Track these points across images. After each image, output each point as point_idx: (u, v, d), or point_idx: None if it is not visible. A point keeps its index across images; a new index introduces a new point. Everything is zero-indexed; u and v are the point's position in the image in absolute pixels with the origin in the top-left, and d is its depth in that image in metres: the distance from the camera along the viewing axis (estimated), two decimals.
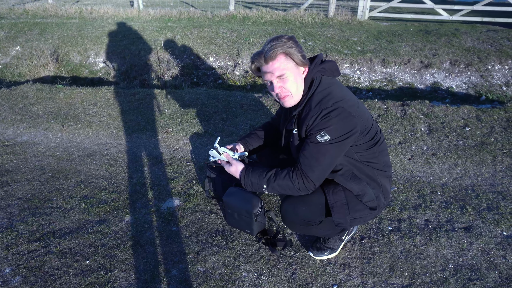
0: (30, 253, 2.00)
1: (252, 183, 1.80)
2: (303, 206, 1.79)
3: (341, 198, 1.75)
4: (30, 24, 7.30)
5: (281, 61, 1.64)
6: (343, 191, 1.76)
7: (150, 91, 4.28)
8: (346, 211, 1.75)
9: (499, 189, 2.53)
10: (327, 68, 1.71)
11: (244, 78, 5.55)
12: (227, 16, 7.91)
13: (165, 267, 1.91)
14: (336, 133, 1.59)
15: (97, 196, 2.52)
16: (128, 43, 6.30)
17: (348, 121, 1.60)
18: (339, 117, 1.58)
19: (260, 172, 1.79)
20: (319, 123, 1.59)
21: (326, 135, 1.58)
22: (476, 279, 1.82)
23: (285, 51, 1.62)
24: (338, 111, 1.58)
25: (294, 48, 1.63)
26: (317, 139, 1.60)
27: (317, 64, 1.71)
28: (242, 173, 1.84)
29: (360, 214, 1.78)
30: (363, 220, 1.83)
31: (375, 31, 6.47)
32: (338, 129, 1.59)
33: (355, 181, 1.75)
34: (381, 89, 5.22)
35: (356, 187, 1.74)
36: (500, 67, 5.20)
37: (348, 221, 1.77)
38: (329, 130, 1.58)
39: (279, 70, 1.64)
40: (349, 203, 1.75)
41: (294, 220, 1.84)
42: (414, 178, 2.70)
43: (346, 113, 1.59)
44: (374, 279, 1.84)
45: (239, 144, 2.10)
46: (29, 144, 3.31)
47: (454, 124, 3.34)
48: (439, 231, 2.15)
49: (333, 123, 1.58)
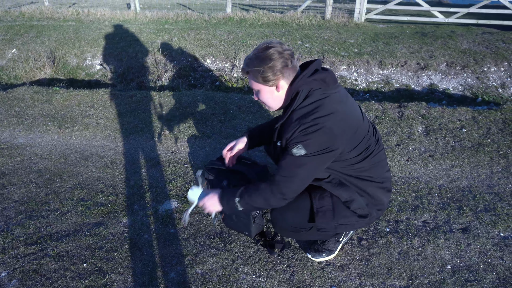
0: (26, 257, 1.98)
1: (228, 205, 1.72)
2: (291, 212, 1.78)
3: (328, 204, 1.72)
4: (27, 26, 7.28)
5: (249, 78, 1.69)
6: (330, 197, 1.73)
7: (147, 93, 4.27)
8: (331, 216, 1.72)
9: (496, 190, 2.55)
10: (319, 79, 1.60)
11: (242, 80, 5.55)
12: (224, 18, 7.92)
13: (163, 269, 1.90)
14: (312, 148, 1.53)
15: (94, 198, 2.51)
16: (125, 45, 6.29)
17: (326, 138, 1.53)
18: (317, 133, 1.51)
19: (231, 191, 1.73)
20: (296, 137, 1.54)
21: (302, 148, 1.53)
22: (474, 280, 1.83)
23: (249, 72, 1.66)
24: (317, 127, 1.51)
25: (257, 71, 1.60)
26: (293, 151, 1.55)
27: (305, 76, 1.60)
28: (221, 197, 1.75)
29: (346, 220, 1.74)
30: (350, 227, 1.79)
31: (372, 33, 6.50)
32: (314, 145, 1.53)
33: (343, 187, 1.71)
34: (378, 91, 5.24)
35: (344, 194, 1.71)
36: (496, 69, 5.23)
37: (332, 227, 1.74)
38: (305, 144, 1.52)
39: (252, 85, 1.70)
40: (335, 209, 1.72)
41: (283, 226, 1.83)
42: (411, 179, 2.70)
43: (326, 130, 1.51)
44: (372, 280, 1.84)
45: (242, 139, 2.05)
46: (25, 147, 3.29)
47: (451, 125, 3.36)
48: (437, 232, 2.15)
49: (310, 138, 1.52)
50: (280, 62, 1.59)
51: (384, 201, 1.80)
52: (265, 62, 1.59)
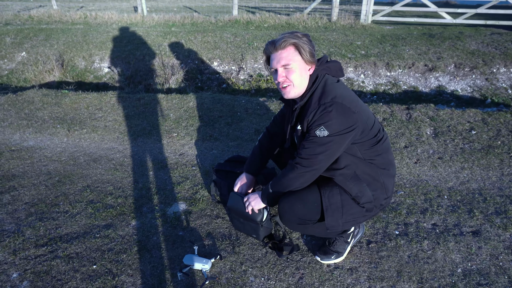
0: (37, 258, 2.00)
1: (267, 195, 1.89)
2: (300, 204, 1.80)
3: (337, 201, 1.75)
4: (36, 30, 7.37)
5: (289, 52, 1.69)
6: (339, 195, 1.75)
7: (155, 96, 4.30)
8: (340, 214, 1.75)
9: (506, 193, 2.52)
10: (332, 67, 1.77)
11: (249, 83, 5.56)
12: (231, 20, 7.95)
13: (172, 271, 1.91)
14: (334, 128, 1.61)
15: (104, 200, 2.52)
16: (132, 48, 6.34)
17: (347, 116, 1.62)
18: (337, 112, 1.61)
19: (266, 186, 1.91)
20: (318, 118, 1.63)
21: (325, 130, 1.61)
22: (485, 284, 1.81)
23: (296, 44, 1.68)
24: (336, 105, 1.61)
25: (305, 44, 1.68)
26: (316, 133, 1.64)
27: (323, 62, 1.77)
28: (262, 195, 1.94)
29: (353, 217, 1.79)
30: (355, 222, 1.83)
31: (379, 35, 6.48)
32: (336, 124, 1.61)
33: (355, 181, 1.74)
34: (386, 93, 5.21)
35: (355, 188, 1.74)
36: (505, 70, 5.18)
37: (341, 225, 1.77)
38: (327, 125, 1.61)
39: (285, 60, 1.69)
40: (344, 207, 1.75)
41: (290, 218, 1.85)
42: (420, 182, 2.68)
43: (345, 108, 1.62)
44: (382, 283, 1.83)
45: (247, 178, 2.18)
46: (35, 149, 3.32)
47: (460, 127, 3.33)
48: (447, 235, 2.13)
49: (331, 118, 1.61)
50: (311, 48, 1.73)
51: (391, 188, 1.87)
52: (306, 41, 1.69)
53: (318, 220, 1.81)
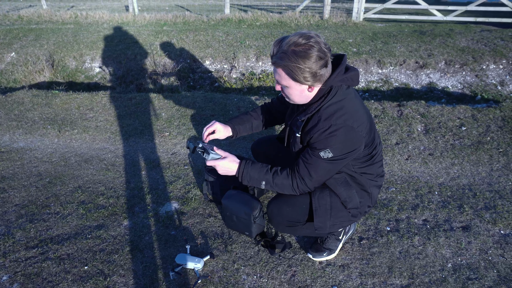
0: (27, 260, 1.98)
1: (251, 177, 1.74)
2: (288, 207, 1.82)
3: (326, 203, 1.75)
4: (25, 30, 7.29)
5: (281, 75, 1.54)
6: (329, 196, 1.76)
7: (147, 95, 4.28)
8: (328, 216, 1.76)
9: (496, 188, 2.55)
10: (350, 78, 1.57)
11: (241, 81, 5.55)
12: (223, 19, 7.93)
13: (164, 271, 1.90)
14: (339, 152, 1.57)
15: (95, 201, 2.51)
16: (124, 48, 6.29)
17: (354, 141, 1.57)
18: (346, 136, 1.53)
19: (259, 167, 1.74)
20: (325, 139, 1.54)
21: (330, 152, 1.56)
22: (475, 278, 1.83)
23: (286, 69, 1.50)
24: (346, 129, 1.52)
25: (300, 69, 1.46)
26: (320, 155, 1.57)
27: (341, 73, 1.55)
28: (240, 165, 1.75)
29: (340, 220, 1.80)
30: (341, 225, 1.85)
31: (370, 33, 6.50)
32: (342, 148, 1.56)
33: (345, 186, 1.75)
34: (377, 90, 5.24)
35: (344, 192, 1.75)
36: (495, 66, 5.24)
37: (328, 226, 1.78)
38: (334, 148, 1.55)
39: (280, 81, 1.58)
40: (332, 209, 1.76)
41: (279, 221, 1.86)
42: (411, 178, 2.71)
43: (354, 132, 1.54)
44: (373, 279, 1.84)
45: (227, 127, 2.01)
46: (25, 150, 3.29)
47: (450, 123, 3.36)
48: (437, 230, 2.15)
49: (338, 142, 1.54)
50: (320, 63, 1.47)
51: (376, 197, 1.89)
52: (304, 61, 1.44)
53: (307, 221, 1.82)
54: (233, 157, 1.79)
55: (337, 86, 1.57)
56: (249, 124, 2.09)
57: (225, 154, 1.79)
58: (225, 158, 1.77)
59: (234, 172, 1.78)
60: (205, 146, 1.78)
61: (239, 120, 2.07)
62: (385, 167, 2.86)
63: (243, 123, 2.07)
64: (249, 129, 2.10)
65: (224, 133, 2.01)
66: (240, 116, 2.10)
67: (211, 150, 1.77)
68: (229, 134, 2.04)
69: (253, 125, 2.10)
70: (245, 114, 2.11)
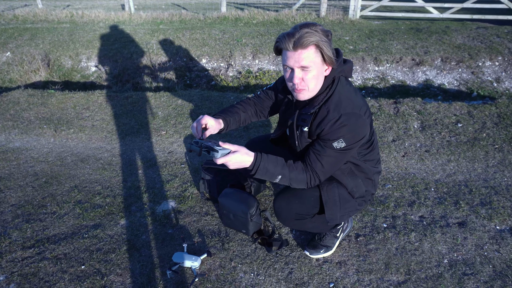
0: (24, 260, 1.98)
1: (267, 171, 1.62)
2: (296, 200, 1.81)
3: (334, 195, 1.77)
4: (20, 29, 7.24)
5: (310, 53, 1.51)
6: (336, 188, 1.78)
7: (143, 94, 4.27)
8: (338, 207, 1.78)
9: (491, 184, 2.56)
10: (347, 70, 1.65)
11: (237, 79, 5.55)
12: (219, 17, 7.91)
13: (161, 270, 1.90)
14: (351, 140, 1.58)
15: (92, 200, 2.50)
16: (120, 47, 6.27)
17: (362, 128, 1.59)
18: (356, 124, 1.56)
19: (275, 160, 1.65)
20: (336, 130, 1.55)
21: (343, 142, 1.57)
22: (470, 274, 1.84)
23: (318, 44, 1.50)
24: (355, 117, 1.56)
25: (327, 43, 1.52)
26: (333, 145, 1.58)
27: (341, 63, 1.62)
28: (257, 158, 1.61)
29: (348, 210, 1.82)
30: (349, 215, 1.87)
31: (367, 30, 6.51)
32: (354, 136, 1.58)
33: (352, 176, 1.78)
34: (374, 87, 5.25)
35: (351, 182, 1.78)
36: (491, 63, 5.25)
37: (338, 217, 1.80)
38: (346, 138, 1.56)
39: (306, 61, 1.51)
40: (341, 200, 1.78)
41: (288, 215, 1.83)
42: (408, 175, 2.71)
43: (362, 119, 1.57)
44: (370, 276, 1.85)
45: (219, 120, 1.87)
46: (21, 150, 3.28)
47: (447, 120, 3.37)
48: (434, 227, 2.16)
49: (350, 131, 1.56)
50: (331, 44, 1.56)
51: (377, 183, 1.93)
52: (327, 36, 1.53)
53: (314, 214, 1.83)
54: (244, 149, 1.62)
55: (338, 78, 1.62)
56: (238, 116, 1.97)
57: (234, 147, 1.60)
58: (236, 152, 1.58)
59: (249, 165, 1.62)
60: (208, 144, 1.59)
61: (228, 113, 1.95)
62: (382, 164, 2.87)
63: (232, 115, 1.95)
64: (238, 122, 1.99)
65: (217, 127, 1.86)
66: (228, 108, 1.98)
67: (217, 146, 1.57)
68: (220, 127, 1.89)
69: (241, 118, 1.99)
70: (232, 107, 1.99)
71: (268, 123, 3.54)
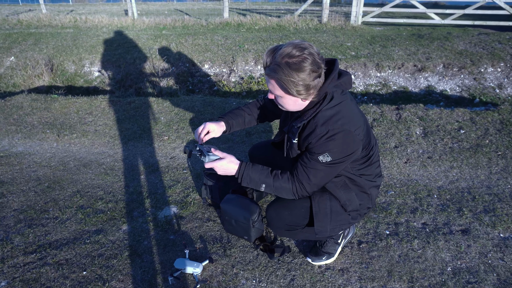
0: (26, 266, 1.98)
1: (251, 179, 1.71)
2: (287, 211, 1.82)
3: (326, 207, 1.75)
4: (24, 34, 7.30)
5: (275, 86, 1.53)
6: (329, 200, 1.76)
7: (146, 99, 4.28)
8: (328, 220, 1.76)
9: (495, 191, 2.55)
10: (343, 83, 1.58)
11: (240, 85, 5.56)
12: (222, 23, 7.96)
13: (163, 276, 1.90)
14: (338, 155, 1.56)
15: (94, 206, 2.50)
16: (123, 52, 6.31)
17: (352, 144, 1.57)
18: (344, 140, 1.54)
19: (260, 169, 1.73)
20: (323, 144, 1.54)
21: (329, 156, 1.56)
22: (474, 282, 1.83)
23: (278, 81, 1.49)
24: (344, 134, 1.53)
25: (293, 82, 1.45)
26: (319, 159, 1.57)
27: (334, 79, 1.54)
28: (241, 167, 1.73)
29: (340, 223, 1.80)
30: (341, 228, 1.84)
31: (369, 36, 6.53)
32: (341, 152, 1.56)
33: (345, 190, 1.75)
34: (376, 93, 5.25)
35: (344, 195, 1.75)
36: (493, 69, 5.25)
37: (328, 230, 1.78)
38: (332, 152, 1.55)
39: (273, 91, 1.57)
40: (332, 213, 1.76)
41: (278, 225, 1.86)
42: (410, 181, 2.71)
43: (352, 136, 1.55)
44: (373, 283, 1.84)
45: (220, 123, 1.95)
46: (24, 155, 3.29)
47: (449, 127, 3.36)
48: (437, 234, 2.15)
49: (337, 146, 1.54)
50: (314, 75, 1.47)
51: (375, 197, 1.89)
52: (298, 74, 1.44)
53: (307, 225, 1.82)
54: (232, 157, 1.76)
55: (331, 93, 1.57)
56: (242, 118, 2.04)
57: (223, 154, 1.76)
58: (223, 158, 1.74)
59: (234, 173, 1.75)
60: (202, 148, 1.76)
61: (232, 115, 2.03)
62: (384, 170, 2.86)
63: (236, 117, 2.03)
64: (242, 123, 2.05)
65: (219, 130, 1.95)
66: (233, 110, 2.06)
67: (208, 152, 1.75)
68: (223, 129, 1.98)
69: (245, 120, 2.05)
70: (238, 109, 2.06)
71: (270, 129, 3.54)
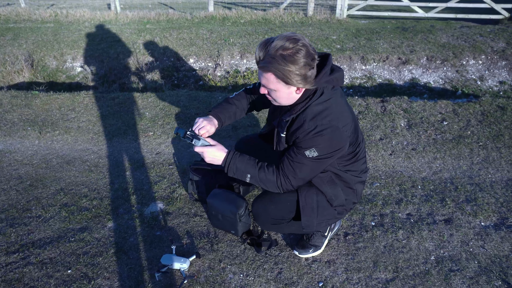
0: (8, 266, 1.94)
1: (237, 169, 1.72)
2: (272, 205, 1.83)
3: (313, 202, 1.76)
4: (2, 29, 7.09)
5: (271, 78, 1.51)
6: (315, 195, 1.77)
7: (130, 95, 4.22)
8: (315, 214, 1.77)
9: (476, 181, 2.61)
10: (335, 79, 1.58)
11: (225, 79, 5.53)
12: (207, 17, 7.88)
13: (149, 272, 1.88)
14: (325, 151, 1.57)
15: (78, 203, 2.46)
16: (106, 47, 6.19)
17: (339, 140, 1.58)
18: (331, 136, 1.54)
19: (247, 160, 1.73)
20: (310, 139, 1.54)
21: (315, 151, 1.56)
22: (456, 270, 1.87)
23: (276, 73, 1.47)
24: (332, 130, 1.53)
25: (292, 72, 1.45)
26: (305, 153, 1.58)
27: (326, 74, 1.55)
28: (228, 155, 1.73)
29: (326, 218, 1.81)
30: (327, 223, 1.87)
31: (354, 29, 6.56)
32: (328, 147, 1.57)
33: (331, 185, 1.77)
34: (361, 86, 5.29)
35: (330, 190, 1.77)
36: (474, 62, 5.35)
37: (315, 225, 1.79)
38: (319, 148, 1.55)
39: (268, 84, 1.55)
40: (319, 207, 1.77)
41: (264, 218, 1.87)
42: (395, 173, 2.74)
43: (339, 132, 1.55)
44: (358, 274, 1.86)
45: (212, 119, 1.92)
46: (4, 153, 3.21)
47: (432, 118, 3.42)
48: (421, 224, 2.19)
49: (324, 141, 1.54)
50: (308, 67, 1.47)
51: (360, 193, 1.92)
52: (294, 65, 1.44)
53: (293, 219, 1.83)
54: (221, 146, 1.78)
55: (321, 88, 1.58)
56: (232, 112, 2.03)
57: (214, 142, 1.78)
58: (213, 146, 1.76)
59: (221, 161, 1.75)
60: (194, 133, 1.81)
61: (222, 109, 2.00)
62: (370, 162, 2.89)
63: (226, 111, 2.01)
64: (233, 116, 2.04)
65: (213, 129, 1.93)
66: (222, 104, 2.03)
67: (201, 136, 1.80)
68: (216, 127, 1.96)
69: (236, 113, 2.05)
70: (227, 103, 2.04)
71: (256, 123, 3.53)
